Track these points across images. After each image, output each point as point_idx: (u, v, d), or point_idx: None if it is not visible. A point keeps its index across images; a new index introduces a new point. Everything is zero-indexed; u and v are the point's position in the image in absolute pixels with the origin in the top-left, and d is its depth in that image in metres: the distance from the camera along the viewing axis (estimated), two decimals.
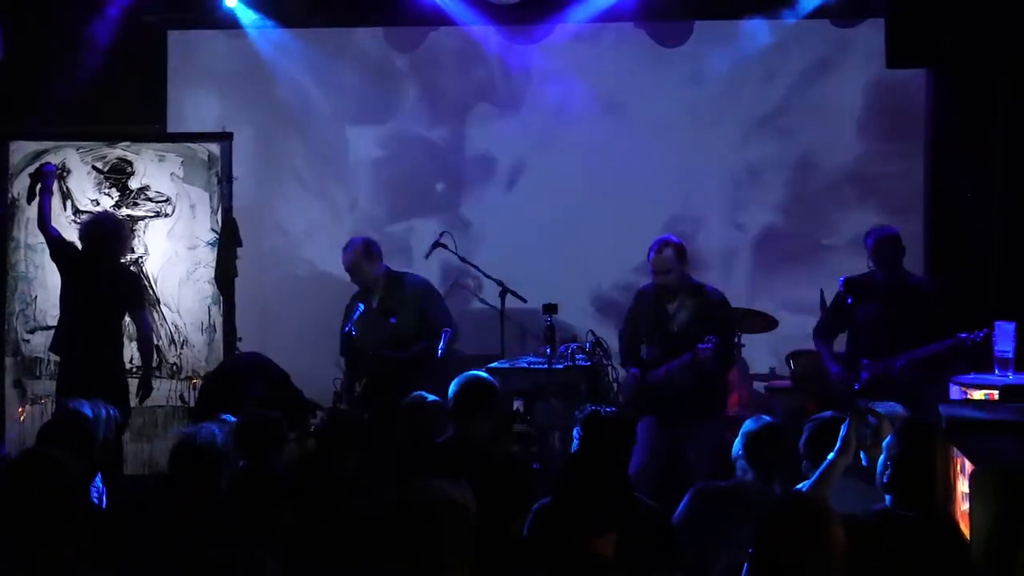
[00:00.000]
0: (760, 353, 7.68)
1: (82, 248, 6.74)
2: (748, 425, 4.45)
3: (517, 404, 6.39)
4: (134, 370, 7.10)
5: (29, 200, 6.89)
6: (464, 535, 2.62)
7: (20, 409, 7.47)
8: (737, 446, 4.43)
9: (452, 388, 4.64)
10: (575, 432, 4.36)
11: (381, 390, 6.37)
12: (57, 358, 7.17)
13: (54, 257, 6.87)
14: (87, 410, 4.88)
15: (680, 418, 6.03)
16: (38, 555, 2.92)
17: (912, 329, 6.17)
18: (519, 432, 6.28)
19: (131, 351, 7.13)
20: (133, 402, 6.87)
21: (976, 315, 6.04)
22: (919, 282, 6.50)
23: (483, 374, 4.93)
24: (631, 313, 6.48)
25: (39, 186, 6.85)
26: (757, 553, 2.92)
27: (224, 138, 7.58)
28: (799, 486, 4.02)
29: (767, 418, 4.56)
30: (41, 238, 7.51)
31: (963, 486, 3.21)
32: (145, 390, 6.83)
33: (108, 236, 6.69)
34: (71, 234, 7.19)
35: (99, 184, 7.61)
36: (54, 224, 7.09)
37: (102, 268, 6.64)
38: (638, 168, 7.96)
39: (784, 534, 2.89)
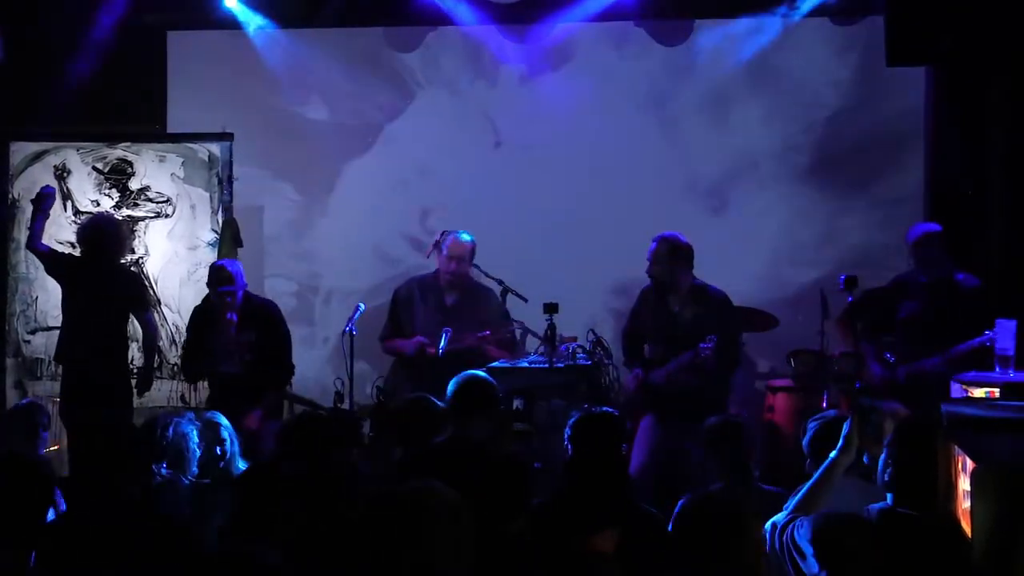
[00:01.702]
0: (760, 352, 7.68)
1: (81, 251, 6.71)
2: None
3: (517, 403, 6.38)
4: (134, 371, 7.10)
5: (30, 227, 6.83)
6: (461, 536, 2.62)
7: None
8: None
9: (450, 388, 4.63)
10: (565, 432, 4.37)
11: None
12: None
13: (50, 271, 6.81)
14: None
15: (681, 418, 6.04)
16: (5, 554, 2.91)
17: (958, 328, 6.09)
18: (519, 431, 6.28)
19: (133, 351, 7.13)
20: (136, 402, 6.87)
21: (992, 312, 5.99)
22: (964, 279, 6.39)
23: (482, 373, 4.93)
24: (634, 312, 6.50)
25: (34, 208, 6.77)
26: (679, 553, 2.98)
27: (224, 138, 7.60)
28: (803, 485, 4.02)
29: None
30: (42, 239, 7.52)
31: (964, 484, 3.22)
32: (144, 387, 6.81)
33: (107, 237, 6.66)
34: (69, 235, 7.19)
35: (99, 185, 7.62)
36: (53, 226, 7.13)
37: (102, 270, 6.62)
38: (639, 167, 7.96)
39: (705, 534, 2.93)
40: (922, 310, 6.25)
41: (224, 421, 5.17)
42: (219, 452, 5.11)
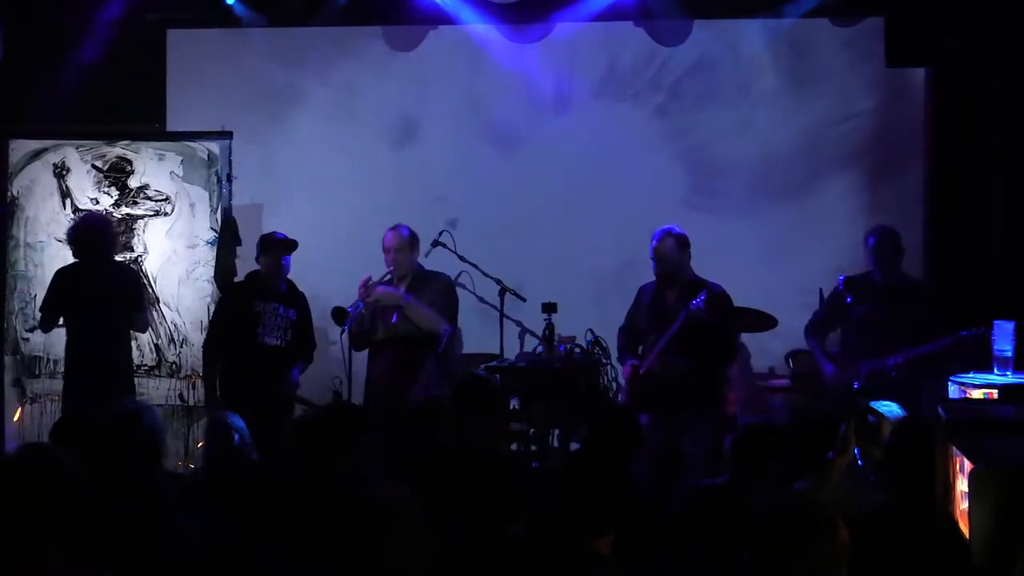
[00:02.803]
0: (760, 352, 7.68)
1: (72, 253, 6.69)
2: (743, 425, 4.52)
3: (514, 403, 6.39)
4: (137, 369, 7.12)
5: None
6: (411, 536, 2.63)
7: (17, 411, 7.46)
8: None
9: (452, 388, 4.62)
10: (583, 430, 4.37)
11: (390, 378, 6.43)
12: (56, 356, 7.17)
13: (59, 313, 6.74)
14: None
15: (676, 413, 6.05)
16: (36, 551, 2.92)
17: (908, 329, 6.21)
18: (515, 431, 6.28)
19: (137, 351, 7.15)
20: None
21: (976, 314, 6.04)
22: (916, 282, 6.55)
23: (482, 373, 4.93)
24: (632, 310, 6.52)
25: None
26: (758, 554, 2.92)
27: (224, 137, 7.59)
28: (796, 485, 4.02)
29: (757, 419, 4.61)
30: (41, 237, 7.55)
31: (962, 485, 3.22)
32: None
33: (95, 236, 6.64)
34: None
35: (99, 183, 7.62)
36: (52, 224, 7.14)
37: (98, 269, 6.61)
38: (638, 168, 7.96)
39: (788, 535, 2.88)
40: (876, 310, 6.32)
41: (240, 423, 5.11)
42: (236, 441, 5.05)
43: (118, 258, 7.10)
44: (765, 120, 7.89)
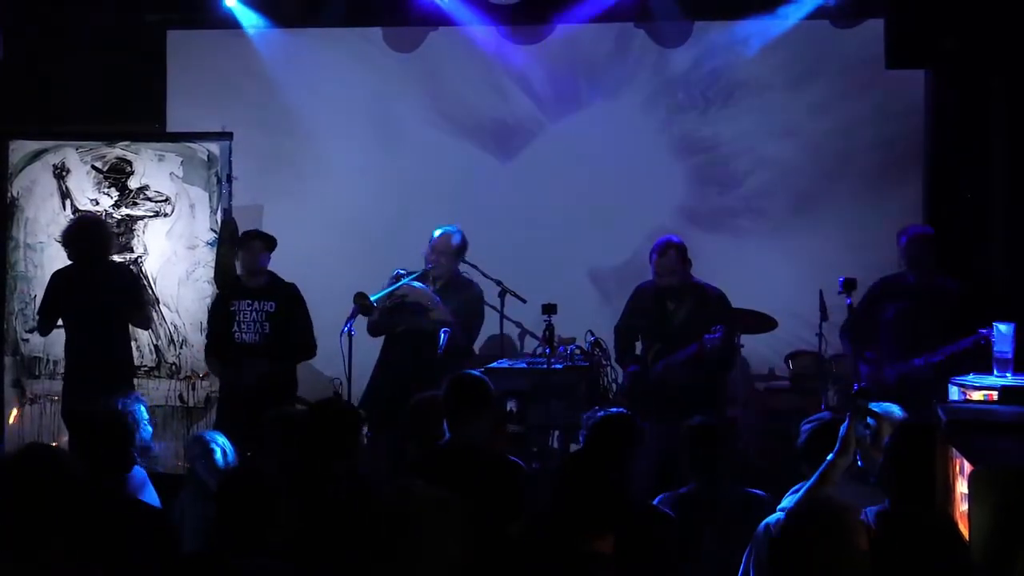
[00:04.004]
0: (759, 353, 7.68)
1: (68, 255, 6.68)
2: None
3: (510, 405, 6.37)
4: (139, 370, 7.13)
5: None
6: (450, 534, 2.62)
7: (15, 411, 7.45)
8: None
9: (445, 388, 4.59)
10: (581, 434, 4.36)
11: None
12: (56, 357, 7.17)
13: (56, 315, 6.72)
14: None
15: (677, 418, 6.03)
16: (36, 551, 2.93)
17: (941, 329, 6.15)
18: (512, 433, 6.26)
19: (136, 352, 7.16)
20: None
21: (976, 316, 6.03)
22: (951, 282, 6.46)
23: (477, 373, 4.90)
24: (628, 309, 6.51)
25: None
26: (779, 559, 2.93)
27: (224, 138, 7.59)
28: (797, 487, 4.02)
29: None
30: (41, 237, 7.55)
31: (962, 487, 3.21)
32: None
33: (89, 237, 6.63)
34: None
35: (98, 184, 7.62)
36: (52, 225, 7.16)
37: (94, 270, 6.61)
38: (638, 169, 7.96)
39: (809, 539, 2.89)
40: (910, 311, 6.28)
41: (222, 439, 5.06)
42: (219, 458, 5.00)
43: (116, 258, 7.10)
44: (764, 121, 7.89)
